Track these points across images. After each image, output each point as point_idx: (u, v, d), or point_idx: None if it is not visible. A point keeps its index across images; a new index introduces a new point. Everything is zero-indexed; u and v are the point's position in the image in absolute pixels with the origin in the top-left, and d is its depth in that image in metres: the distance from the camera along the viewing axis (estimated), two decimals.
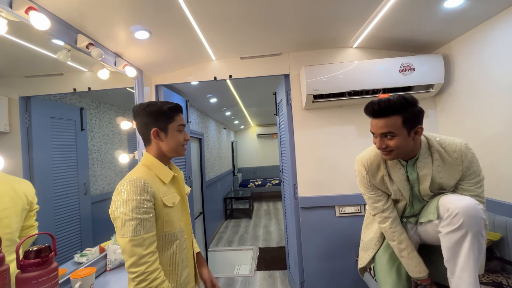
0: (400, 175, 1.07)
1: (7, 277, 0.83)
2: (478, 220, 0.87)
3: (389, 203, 1.13)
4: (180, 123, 0.99)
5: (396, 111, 0.94)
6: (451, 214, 0.90)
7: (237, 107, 4.66)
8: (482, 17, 1.48)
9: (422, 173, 1.04)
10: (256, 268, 3.11)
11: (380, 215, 1.13)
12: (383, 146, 0.99)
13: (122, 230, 0.80)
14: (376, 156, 1.10)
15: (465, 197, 0.93)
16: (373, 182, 1.12)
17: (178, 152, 1.00)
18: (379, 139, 1.00)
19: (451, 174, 1.02)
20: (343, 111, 2.06)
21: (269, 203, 7.14)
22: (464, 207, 0.88)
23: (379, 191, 1.13)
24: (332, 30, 1.74)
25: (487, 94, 1.54)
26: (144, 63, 1.93)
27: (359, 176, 1.15)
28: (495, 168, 1.50)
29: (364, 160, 1.12)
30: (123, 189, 0.83)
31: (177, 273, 0.93)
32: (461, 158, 1.00)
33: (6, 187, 0.96)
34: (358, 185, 1.19)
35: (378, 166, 1.10)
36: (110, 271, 1.39)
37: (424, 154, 1.03)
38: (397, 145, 0.97)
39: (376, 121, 0.98)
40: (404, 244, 1.07)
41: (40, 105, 1.33)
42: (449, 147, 1.01)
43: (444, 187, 1.05)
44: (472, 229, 0.87)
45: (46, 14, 1.13)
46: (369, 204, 1.17)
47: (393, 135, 0.96)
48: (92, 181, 1.71)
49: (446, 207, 0.93)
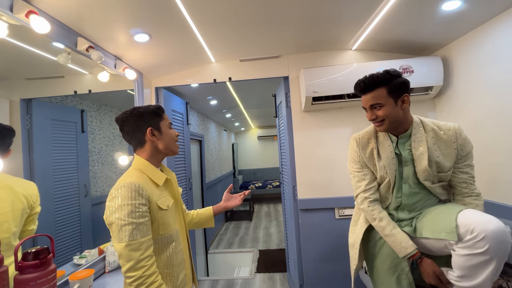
0: (388, 151, 1.10)
1: (6, 279, 0.83)
2: (506, 245, 0.79)
3: (372, 184, 1.14)
4: (169, 121, 1.03)
5: (380, 84, 1.02)
6: (475, 237, 0.81)
7: (237, 109, 4.67)
8: (481, 19, 1.48)
9: (418, 152, 1.05)
10: (256, 270, 3.10)
11: (362, 195, 1.15)
12: (373, 117, 1.06)
13: (118, 235, 0.80)
14: (368, 132, 1.18)
15: (489, 217, 0.84)
16: (363, 156, 1.15)
17: (173, 149, 1.02)
18: (369, 112, 1.07)
19: (447, 153, 1.04)
20: (343, 113, 2.06)
21: (269, 205, 7.13)
22: (492, 231, 0.79)
23: (366, 169, 1.16)
24: (331, 32, 1.74)
25: (487, 95, 1.54)
26: (144, 66, 1.94)
27: (351, 150, 1.21)
28: (495, 170, 1.49)
29: (357, 135, 1.20)
30: (117, 194, 0.83)
31: (173, 275, 0.93)
32: (455, 136, 1.04)
33: (7, 190, 0.97)
34: (348, 163, 1.23)
35: (368, 140, 1.16)
36: (109, 272, 1.39)
37: (417, 130, 1.07)
38: (386, 114, 1.03)
39: (365, 96, 1.07)
40: (385, 222, 1.07)
41: (41, 107, 1.34)
42: (444, 126, 1.07)
43: (441, 169, 1.04)
44: (498, 255, 0.79)
45: (46, 17, 1.14)
46: (353, 183, 1.20)
47: (380, 105, 1.03)
48: (92, 182, 1.72)
49: (468, 228, 0.83)
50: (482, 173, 1.51)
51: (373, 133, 1.16)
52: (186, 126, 2.76)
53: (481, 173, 1.51)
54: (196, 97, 3.28)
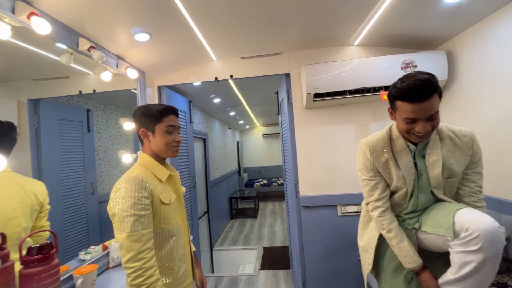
0: (407, 161, 1.03)
1: (12, 272, 0.86)
2: (498, 245, 0.81)
3: (385, 193, 1.09)
4: (169, 124, 1.00)
5: (436, 88, 0.88)
6: (469, 235, 0.82)
7: (241, 107, 4.67)
8: (486, 11, 1.44)
9: (432, 160, 1.01)
10: (260, 267, 3.12)
11: (373, 204, 1.10)
12: (429, 129, 0.92)
13: (120, 226, 0.82)
14: (381, 140, 1.07)
15: (485, 216, 0.85)
16: (376, 165, 1.07)
17: (167, 153, 1.00)
18: (425, 123, 0.90)
19: (461, 158, 1.00)
20: (345, 110, 2.04)
21: (274, 202, 7.13)
22: (486, 230, 0.80)
23: (379, 178, 1.09)
24: (332, 28, 1.72)
25: (493, 89, 1.50)
26: (145, 65, 1.96)
27: (363, 157, 1.10)
28: (502, 165, 1.45)
29: (369, 142, 1.09)
30: (121, 187, 0.86)
31: (174, 269, 0.95)
32: (471, 142, 1.00)
33: (17, 187, 1.00)
34: (358, 169, 1.14)
35: (383, 149, 1.06)
36: (113, 268, 1.42)
37: (433, 137, 1.01)
38: (438, 123, 0.92)
39: (419, 105, 0.88)
40: (393, 233, 1.04)
41: (48, 107, 1.38)
42: (459, 132, 1.02)
43: (453, 175, 1.01)
44: (491, 253, 0.80)
45: (48, 18, 1.16)
46: (365, 192, 1.13)
47: (436, 115, 0.91)
48: (99, 181, 1.75)
49: (463, 226, 0.85)
50: (492, 171, 1.48)
51: (387, 141, 1.06)
52: (189, 125, 2.78)
53: (492, 171, 1.48)
54: (199, 95, 3.29)
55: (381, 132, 1.10)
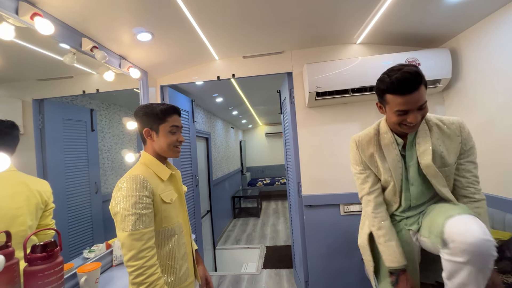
0: (394, 154, 1.06)
1: (17, 270, 0.88)
2: (487, 257, 0.78)
3: (376, 186, 1.11)
4: (173, 124, 1.00)
5: (422, 78, 0.90)
6: (456, 247, 0.81)
7: (244, 106, 4.67)
8: (491, 8, 1.42)
9: (422, 149, 1.02)
10: (263, 266, 3.13)
11: (366, 197, 1.13)
12: (419, 119, 0.94)
13: (122, 224, 0.83)
14: (367, 134, 1.13)
15: (475, 228, 0.81)
16: (364, 158, 1.12)
17: (170, 153, 1.01)
18: (416, 113, 0.92)
19: (451, 146, 1.01)
20: (347, 108, 2.03)
21: (277, 201, 7.13)
22: (472, 244, 0.77)
23: (368, 171, 1.12)
24: (334, 26, 1.71)
25: (497, 87, 1.48)
26: (148, 64, 1.97)
27: (352, 152, 1.17)
28: (507, 163, 1.44)
29: (356, 137, 1.15)
30: (122, 186, 0.87)
31: (176, 267, 0.95)
32: (459, 129, 1.01)
33: (22, 186, 1.01)
34: (351, 164, 1.20)
35: (369, 142, 1.11)
36: (116, 266, 1.43)
37: (421, 126, 1.03)
38: (426, 112, 0.95)
39: (410, 96, 0.90)
40: (383, 231, 1.05)
41: (53, 107, 1.39)
42: (446, 120, 1.03)
43: (445, 163, 1.01)
44: (478, 265, 0.79)
45: (51, 19, 1.18)
46: (357, 185, 1.18)
47: (425, 104, 0.93)
48: (103, 180, 1.77)
49: (451, 237, 0.83)
50: (495, 170, 1.46)
51: (374, 135, 1.10)
52: (191, 124, 2.79)
53: (495, 170, 1.47)
54: (202, 95, 3.30)
55: (369, 127, 1.15)
